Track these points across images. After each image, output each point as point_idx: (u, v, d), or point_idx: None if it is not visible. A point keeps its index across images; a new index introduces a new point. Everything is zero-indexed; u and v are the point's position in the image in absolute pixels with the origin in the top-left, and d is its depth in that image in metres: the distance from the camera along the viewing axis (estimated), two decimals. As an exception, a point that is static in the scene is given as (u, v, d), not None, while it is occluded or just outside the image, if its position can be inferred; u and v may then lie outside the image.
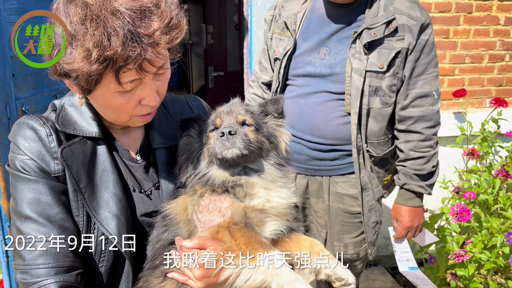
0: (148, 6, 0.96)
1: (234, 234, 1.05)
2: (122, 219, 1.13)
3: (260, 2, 2.91)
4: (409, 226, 1.90)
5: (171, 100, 1.37)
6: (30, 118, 1.12)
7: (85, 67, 0.93)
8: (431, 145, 1.82)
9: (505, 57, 3.52)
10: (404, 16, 1.73)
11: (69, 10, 0.96)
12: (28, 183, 1.07)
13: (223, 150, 1.10)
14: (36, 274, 1.03)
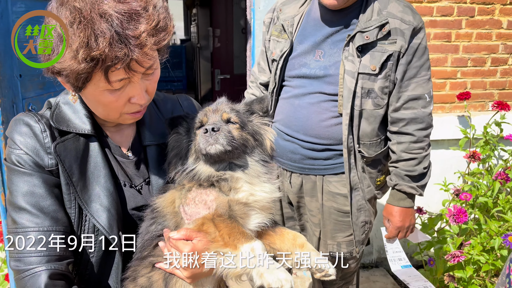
0: (137, 10, 1.02)
1: (218, 225, 1.09)
2: (112, 212, 1.18)
3: (262, 6, 2.97)
4: (400, 226, 1.93)
5: (163, 99, 1.43)
6: (25, 115, 1.18)
7: (74, 66, 0.99)
8: (423, 147, 1.85)
9: (508, 60, 3.53)
10: (397, 20, 1.76)
11: (60, 14, 1.02)
12: (23, 176, 1.13)
13: (206, 146, 1.14)
14: (29, 262, 1.09)
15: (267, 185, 1.20)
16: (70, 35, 0.99)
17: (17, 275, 1.10)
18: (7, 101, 2.02)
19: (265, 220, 1.19)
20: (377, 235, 3.53)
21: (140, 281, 1.17)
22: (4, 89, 1.99)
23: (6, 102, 2.01)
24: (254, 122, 1.28)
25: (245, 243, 1.07)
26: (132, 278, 1.18)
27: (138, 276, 1.17)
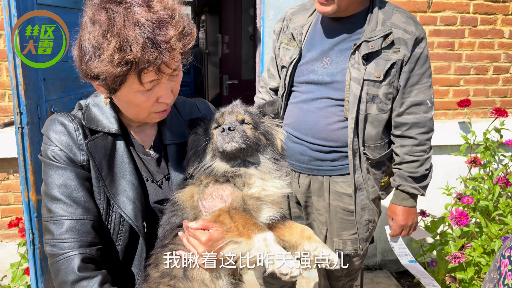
0: (165, 17, 1.13)
1: (233, 217, 1.19)
2: (137, 204, 1.28)
3: (272, 14, 3.09)
4: (403, 224, 2.03)
5: (182, 102, 1.54)
6: (60, 115, 1.29)
7: (111, 70, 1.10)
8: (425, 150, 1.95)
9: (509, 69, 3.63)
10: (400, 30, 1.87)
11: (95, 24, 1.11)
12: (58, 170, 1.23)
13: (223, 144, 1.25)
14: (63, 247, 1.19)
15: (278, 181, 1.30)
16: (104, 44, 1.10)
17: (52, 259, 1.20)
18: (32, 103, 2.13)
19: (275, 214, 1.28)
20: (381, 238, 3.62)
21: (162, 267, 1.26)
22: (29, 92, 2.10)
23: (31, 104, 2.12)
24: (266, 123, 1.38)
25: (258, 233, 1.17)
26: (154, 265, 1.28)
27: (160, 263, 1.27)
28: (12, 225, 2.68)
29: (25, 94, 2.07)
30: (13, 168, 3.05)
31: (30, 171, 2.17)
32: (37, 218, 2.22)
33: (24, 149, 2.14)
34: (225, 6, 5.45)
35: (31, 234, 2.25)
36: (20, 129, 2.11)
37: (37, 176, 2.20)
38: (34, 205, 2.21)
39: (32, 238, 2.25)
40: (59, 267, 1.18)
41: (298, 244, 1.28)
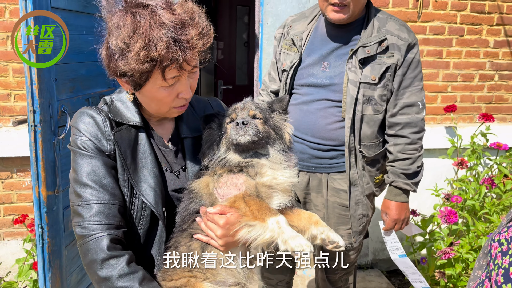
0: (186, 19, 1.25)
1: (248, 202, 1.30)
2: (158, 191, 1.38)
3: (270, 21, 3.23)
4: (396, 218, 2.16)
5: (196, 99, 1.65)
6: (88, 108, 1.39)
7: (137, 66, 1.21)
8: (417, 148, 2.09)
9: (494, 77, 3.81)
10: (394, 36, 2.02)
11: (123, 25, 1.23)
12: (87, 158, 1.33)
13: (237, 136, 1.36)
14: (92, 228, 1.28)
15: (287, 171, 1.41)
16: (131, 43, 1.21)
17: (82, 239, 1.29)
18: (45, 102, 2.22)
19: (285, 201, 1.40)
20: (373, 238, 3.76)
21: (181, 249, 1.37)
22: (42, 91, 2.19)
23: (44, 103, 2.21)
24: (275, 118, 1.50)
25: (271, 216, 1.27)
26: (174, 247, 1.38)
27: (180, 245, 1.38)
28: (18, 222, 2.75)
29: (39, 93, 2.16)
30: (17, 167, 3.12)
31: (41, 168, 2.25)
32: (46, 213, 2.30)
33: (36, 146, 2.22)
34: (220, 13, 5.59)
35: (41, 229, 2.32)
36: (33, 127, 2.19)
37: (48, 173, 2.29)
38: (44, 200, 2.29)
39: (42, 233, 2.32)
40: (89, 247, 1.27)
41: (306, 228, 1.39)
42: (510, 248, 1.14)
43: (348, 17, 2.03)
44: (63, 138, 2.37)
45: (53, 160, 2.32)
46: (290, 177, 1.42)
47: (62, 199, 2.42)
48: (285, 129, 1.49)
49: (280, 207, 1.39)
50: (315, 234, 1.38)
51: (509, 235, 1.17)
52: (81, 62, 2.60)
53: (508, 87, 3.86)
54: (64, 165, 2.40)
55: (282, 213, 1.40)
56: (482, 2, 3.63)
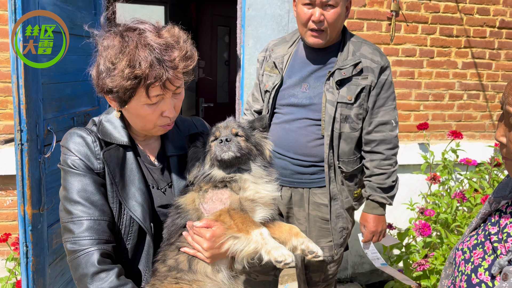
0: (171, 42, 1.35)
1: (233, 216, 1.38)
2: (145, 207, 1.44)
3: (251, 43, 3.36)
4: (374, 230, 2.27)
5: (181, 119, 1.73)
6: (79, 129, 1.45)
7: (122, 83, 1.30)
8: (391, 164, 2.22)
9: (463, 96, 4.03)
10: (368, 60, 2.17)
11: (112, 43, 1.33)
12: (78, 176, 1.38)
13: (221, 153, 1.44)
14: (83, 244, 1.33)
15: (268, 185, 1.50)
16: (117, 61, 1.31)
17: (72, 255, 1.34)
18: (32, 121, 2.26)
19: (267, 214, 1.48)
20: (352, 252, 3.86)
21: (169, 262, 1.43)
22: (30, 110, 2.23)
23: (31, 123, 2.24)
24: (256, 136, 1.59)
25: (255, 229, 1.35)
26: (162, 260, 1.44)
27: (167, 258, 1.43)
28: (1, 240, 2.73)
29: (26, 113, 2.20)
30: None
31: (27, 186, 2.27)
32: (31, 231, 2.31)
33: (22, 165, 2.24)
34: (201, 33, 5.72)
35: (25, 247, 2.32)
36: (19, 146, 2.23)
37: (33, 191, 2.31)
38: (29, 218, 2.30)
39: (26, 251, 2.33)
40: (80, 261, 1.32)
41: (287, 240, 1.46)
42: (472, 256, 1.22)
43: (326, 42, 2.16)
44: (49, 156, 2.41)
45: (38, 178, 2.35)
46: (272, 191, 1.50)
47: (46, 217, 2.44)
48: (265, 146, 1.58)
49: (262, 220, 1.47)
50: (295, 245, 1.45)
51: (471, 244, 1.26)
52: (67, 82, 2.66)
53: (476, 106, 4.08)
54: (49, 183, 2.43)
55: (265, 226, 1.47)
56: (450, 26, 3.86)
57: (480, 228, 1.29)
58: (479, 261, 1.19)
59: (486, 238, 1.22)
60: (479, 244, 1.23)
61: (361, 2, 3.62)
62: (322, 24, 2.10)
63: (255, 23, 3.35)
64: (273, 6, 3.36)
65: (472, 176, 3.58)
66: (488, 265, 1.16)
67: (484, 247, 1.21)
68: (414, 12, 3.76)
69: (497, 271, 1.10)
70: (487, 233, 1.23)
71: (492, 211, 1.28)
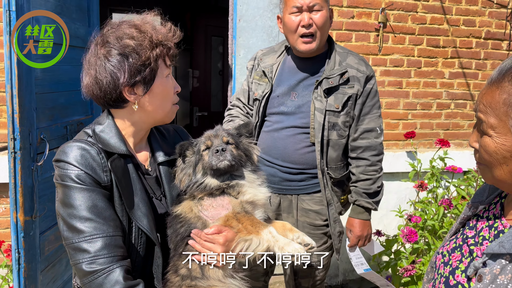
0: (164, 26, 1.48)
1: (240, 219, 1.42)
2: (150, 217, 1.41)
3: (242, 53, 3.43)
4: (360, 235, 2.33)
5: (165, 128, 1.73)
6: (78, 142, 1.38)
7: (151, 53, 1.37)
8: (376, 170, 2.28)
9: (450, 105, 4.11)
10: (354, 69, 2.24)
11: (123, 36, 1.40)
12: (85, 192, 1.31)
13: (218, 162, 1.48)
14: (102, 262, 1.26)
15: (262, 188, 1.56)
16: (141, 35, 1.38)
17: (90, 276, 1.26)
18: (25, 130, 2.29)
19: (264, 214, 1.55)
20: (343, 259, 3.89)
21: (181, 272, 1.44)
22: (23, 119, 2.27)
23: (24, 131, 2.28)
24: (243, 142, 1.64)
25: (264, 228, 1.41)
26: (174, 271, 1.45)
27: (179, 268, 1.45)
28: (-7, 248, 2.75)
29: (20, 122, 2.24)
30: (-9, 194, 3.13)
31: (20, 193, 2.31)
32: (23, 238, 2.34)
33: (15, 173, 2.28)
34: (196, 43, 5.80)
35: (17, 253, 2.35)
36: (13, 154, 2.27)
37: (26, 199, 2.34)
38: (21, 225, 2.33)
39: (18, 258, 2.36)
40: (102, 281, 1.26)
41: (283, 235, 1.49)
42: (450, 259, 1.26)
43: (317, 46, 2.22)
44: (42, 164, 2.45)
45: (31, 186, 2.39)
46: (265, 192, 1.56)
47: (38, 224, 2.47)
48: (253, 151, 1.64)
49: (262, 220, 1.52)
50: (291, 239, 1.49)
51: (450, 247, 1.31)
52: (60, 91, 2.71)
53: (463, 115, 4.16)
54: (41, 191, 2.46)
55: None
56: (437, 37, 3.96)
57: (459, 232, 1.33)
58: (457, 264, 1.23)
59: (464, 241, 1.26)
60: (458, 248, 1.27)
61: (350, 13, 3.72)
62: (311, 26, 2.18)
63: (246, 34, 3.42)
64: (264, 17, 3.44)
65: (460, 183, 3.65)
66: (464, 267, 1.19)
67: (462, 250, 1.25)
68: (402, 23, 3.85)
69: (473, 273, 1.14)
70: (465, 237, 1.27)
71: (470, 215, 1.32)
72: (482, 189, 1.33)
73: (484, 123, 1.09)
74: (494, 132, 1.07)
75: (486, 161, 1.12)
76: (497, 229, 1.18)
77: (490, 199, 1.28)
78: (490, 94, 1.08)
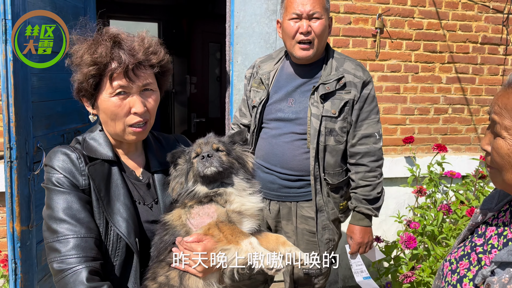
0: (136, 39, 1.45)
1: (221, 228, 1.40)
2: (130, 223, 1.43)
3: (240, 60, 3.43)
4: (360, 242, 2.31)
5: (164, 137, 1.75)
6: (62, 147, 1.45)
7: (85, 70, 1.38)
8: (376, 176, 2.27)
9: (448, 110, 4.11)
10: (351, 75, 2.23)
11: (79, 48, 1.42)
12: (63, 194, 1.37)
13: (204, 169, 1.46)
14: (70, 262, 1.31)
15: (252, 197, 1.52)
16: (79, 50, 1.40)
17: (60, 274, 1.31)
18: (21, 139, 2.28)
19: (254, 225, 1.50)
20: (342, 265, 3.87)
21: (159, 279, 1.42)
22: (19, 128, 2.26)
23: (20, 140, 2.27)
24: (237, 150, 1.61)
25: (244, 239, 1.37)
26: (152, 278, 1.43)
27: (157, 276, 1.43)
28: (-11, 258, 2.72)
29: (16, 131, 2.23)
30: (-12, 203, 3.11)
31: (16, 203, 2.29)
32: (20, 248, 2.32)
33: (12, 182, 2.26)
34: (193, 50, 5.80)
35: (14, 264, 2.33)
36: (9, 163, 2.25)
37: (22, 208, 2.33)
38: (18, 235, 2.31)
39: (15, 268, 2.33)
40: (68, 280, 1.30)
41: (275, 249, 1.46)
42: (458, 267, 1.25)
43: (314, 54, 2.22)
44: (38, 173, 2.43)
45: (28, 195, 2.37)
46: (256, 203, 1.52)
47: (35, 234, 2.45)
48: (247, 159, 1.61)
49: (250, 231, 1.48)
50: (283, 254, 1.46)
51: (458, 255, 1.30)
52: (57, 99, 2.69)
53: (461, 120, 4.16)
54: (38, 200, 2.44)
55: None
56: (433, 42, 3.97)
57: (467, 239, 1.32)
58: (465, 272, 1.22)
59: (472, 249, 1.25)
60: (466, 255, 1.26)
61: (347, 20, 3.72)
62: (310, 34, 2.18)
63: (243, 41, 3.42)
64: (261, 24, 3.44)
65: (459, 188, 3.64)
66: (472, 275, 1.18)
67: (470, 258, 1.24)
68: (398, 29, 3.86)
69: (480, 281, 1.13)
70: (473, 245, 1.26)
71: (479, 223, 1.31)
72: (491, 196, 1.32)
73: (498, 125, 1.10)
74: (508, 134, 1.07)
75: (498, 164, 1.12)
76: (506, 237, 1.18)
77: (499, 206, 1.27)
78: (506, 96, 1.08)
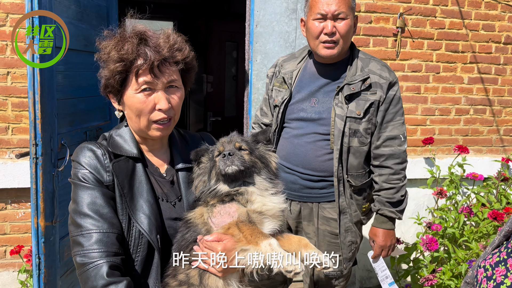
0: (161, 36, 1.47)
1: (241, 228, 1.39)
2: (152, 220, 1.45)
3: (259, 59, 3.42)
4: (383, 245, 2.28)
5: (190, 135, 1.76)
6: (88, 143, 1.48)
7: (112, 67, 1.41)
8: (400, 178, 2.24)
9: (469, 111, 4.05)
10: (376, 76, 2.21)
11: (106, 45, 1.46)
12: (87, 190, 1.41)
13: (225, 167, 1.45)
14: (92, 256, 1.34)
15: (274, 197, 1.51)
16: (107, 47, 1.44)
17: (82, 268, 1.35)
18: (47, 135, 2.31)
19: (276, 226, 1.48)
20: (359, 266, 3.85)
21: (180, 277, 1.43)
22: (45, 125, 2.29)
23: (46, 137, 2.30)
24: (260, 149, 1.61)
25: (264, 240, 1.36)
26: (173, 275, 1.45)
27: (178, 273, 1.44)
28: (14, 252, 2.77)
29: (42, 128, 2.26)
30: (11, 199, 3.16)
31: (41, 199, 2.32)
32: (44, 243, 2.35)
33: (37, 178, 2.29)
34: (210, 49, 5.81)
35: (38, 259, 2.36)
36: (34, 160, 2.28)
37: (47, 204, 2.35)
38: (42, 231, 2.34)
39: (38, 263, 2.36)
40: (89, 274, 1.33)
41: (297, 251, 1.45)
42: (494, 273, 1.23)
43: (338, 54, 2.20)
44: (62, 170, 2.46)
45: (52, 191, 2.40)
46: (279, 203, 1.51)
47: (58, 230, 2.48)
48: (270, 158, 1.60)
49: (271, 232, 1.47)
50: (305, 256, 1.45)
51: (493, 261, 1.27)
52: (80, 97, 2.72)
53: (483, 121, 4.10)
54: (61, 196, 2.47)
55: (274, 237, 1.48)
56: (456, 42, 3.91)
57: (502, 245, 1.29)
58: (502, 279, 1.20)
59: (508, 255, 1.23)
60: (502, 262, 1.24)
61: (368, 19, 3.69)
62: (335, 35, 2.16)
63: (263, 40, 3.41)
64: (281, 23, 3.42)
65: (480, 190, 3.59)
66: (510, 282, 1.16)
67: (507, 265, 1.21)
68: (420, 28, 3.81)
69: None
70: (510, 251, 1.23)
71: None
72: None
73: None
74: None
75: None
76: None
77: None
78: None
